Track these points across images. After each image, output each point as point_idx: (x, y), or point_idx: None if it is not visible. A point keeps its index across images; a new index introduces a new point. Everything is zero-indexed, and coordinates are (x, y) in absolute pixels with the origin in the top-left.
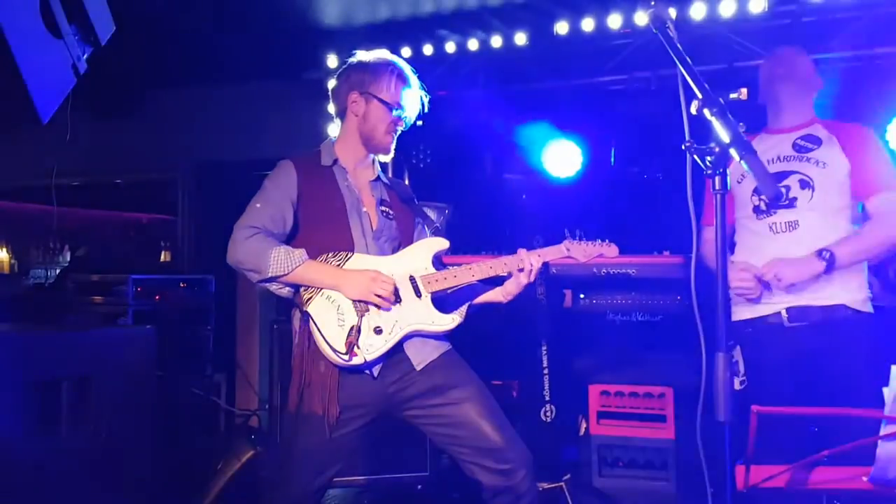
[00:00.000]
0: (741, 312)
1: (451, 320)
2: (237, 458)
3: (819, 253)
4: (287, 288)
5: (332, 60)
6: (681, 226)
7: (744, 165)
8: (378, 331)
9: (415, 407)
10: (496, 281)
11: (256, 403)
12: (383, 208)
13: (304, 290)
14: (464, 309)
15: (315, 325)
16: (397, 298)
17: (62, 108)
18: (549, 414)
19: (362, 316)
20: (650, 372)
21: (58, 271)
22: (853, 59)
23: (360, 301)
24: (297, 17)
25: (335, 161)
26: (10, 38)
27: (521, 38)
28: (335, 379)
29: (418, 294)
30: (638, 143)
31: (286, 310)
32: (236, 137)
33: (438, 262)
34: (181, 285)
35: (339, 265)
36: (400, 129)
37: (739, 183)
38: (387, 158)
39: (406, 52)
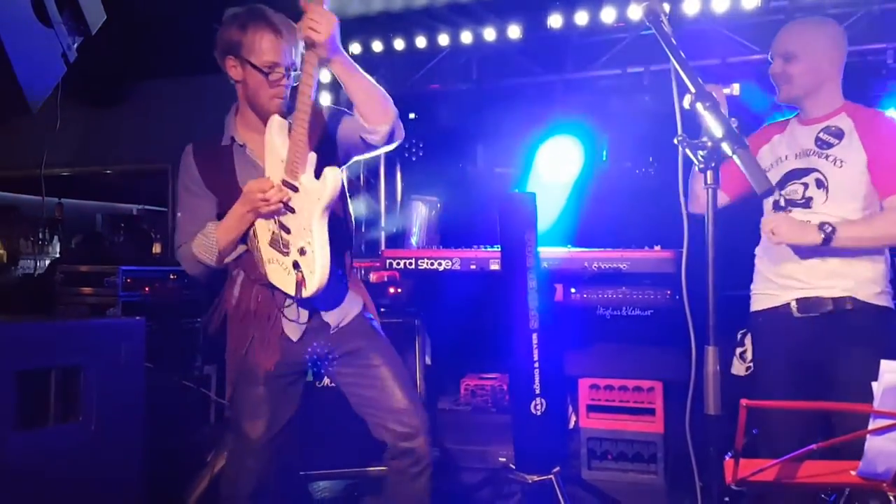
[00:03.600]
0: (756, 303)
1: (334, 175)
2: (227, 450)
3: (821, 225)
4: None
5: None
6: (672, 220)
7: (736, 160)
8: (302, 251)
9: (334, 366)
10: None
11: None
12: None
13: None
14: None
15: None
16: (289, 209)
17: (52, 97)
18: (539, 407)
19: (287, 250)
20: (640, 366)
21: (47, 262)
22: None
23: (272, 239)
24: (291, 8)
25: (232, 140)
26: None
27: (514, 32)
28: (276, 335)
29: (295, 189)
30: (630, 137)
31: None
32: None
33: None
34: (171, 277)
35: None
36: (286, 83)
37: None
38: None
39: (399, 44)
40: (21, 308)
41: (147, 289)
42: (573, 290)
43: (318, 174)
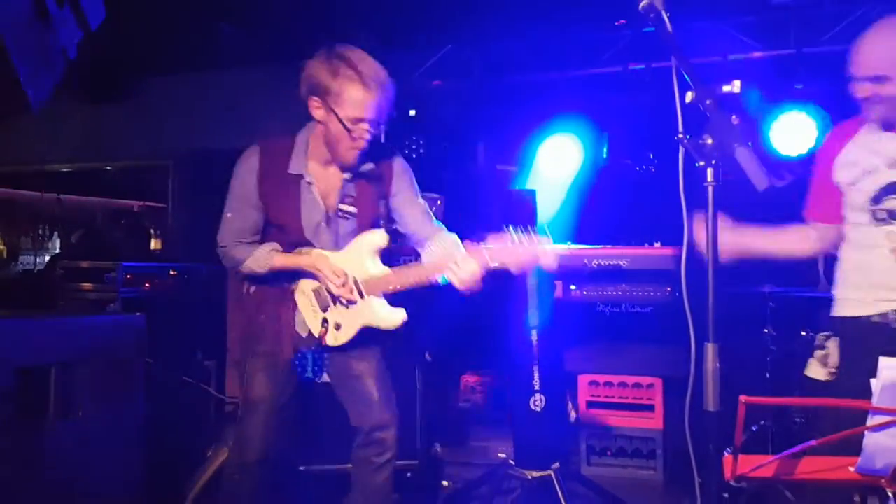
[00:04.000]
0: (843, 309)
1: (396, 317)
2: (227, 445)
3: None
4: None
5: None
6: (673, 218)
7: (737, 157)
8: (338, 326)
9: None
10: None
11: None
12: (343, 207)
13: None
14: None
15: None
16: (350, 303)
17: (52, 94)
18: (538, 403)
19: (326, 310)
20: (639, 362)
21: (47, 258)
22: (847, 52)
23: (319, 294)
24: (293, 3)
25: (301, 174)
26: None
27: (516, 29)
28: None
29: (361, 295)
30: (631, 134)
31: None
32: (229, 124)
33: (387, 255)
34: (171, 273)
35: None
36: (367, 137)
37: (853, 185)
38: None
39: (401, 40)
40: (21, 304)
41: (147, 284)
42: (573, 287)
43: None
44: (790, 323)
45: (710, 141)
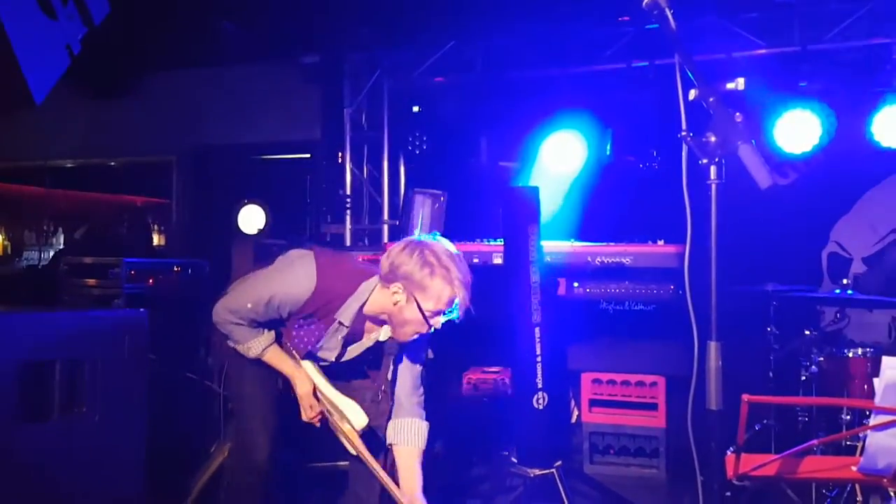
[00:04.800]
0: None
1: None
2: (230, 441)
3: None
4: None
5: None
6: (676, 215)
7: (740, 154)
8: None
9: None
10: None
11: None
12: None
13: None
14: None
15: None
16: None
17: (56, 89)
18: (541, 401)
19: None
20: (642, 361)
21: (51, 254)
22: (851, 49)
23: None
24: (296, 0)
25: (347, 323)
26: (4, 19)
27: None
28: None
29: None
30: (635, 131)
31: None
32: (232, 121)
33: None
34: (175, 269)
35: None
36: (439, 327)
37: None
38: None
39: (404, 37)
40: (25, 299)
41: (151, 280)
42: (576, 285)
43: None
44: (793, 322)
45: (713, 138)
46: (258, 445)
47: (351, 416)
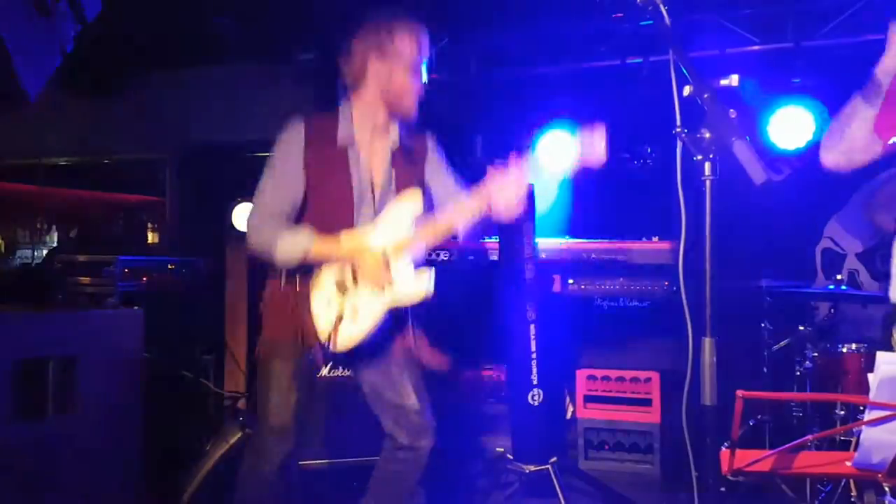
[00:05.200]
0: None
1: (423, 283)
2: (225, 440)
3: None
4: None
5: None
6: (671, 212)
7: (734, 150)
8: (355, 313)
9: (355, 366)
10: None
11: (244, 386)
12: (386, 184)
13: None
14: (428, 274)
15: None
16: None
17: (50, 87)
18: (536, 398)
19: (343, 299)
20: (637, 357)
21: (45, 252)
22: (844, 46)
23: (337, 282)
24: None
25: (352, 142)
26: None
27: (513, 22)
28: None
29: (389, 268)
30: (629, 128)
31: None
32: (225, 119)
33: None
34: (169, 267)
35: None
36: (425, 80)
37: None
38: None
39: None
40: (19, 298)
41: (145, 279)
42: (571, 281)
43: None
44: (788, 317)
45: (707, 135)
46: (272, 462)
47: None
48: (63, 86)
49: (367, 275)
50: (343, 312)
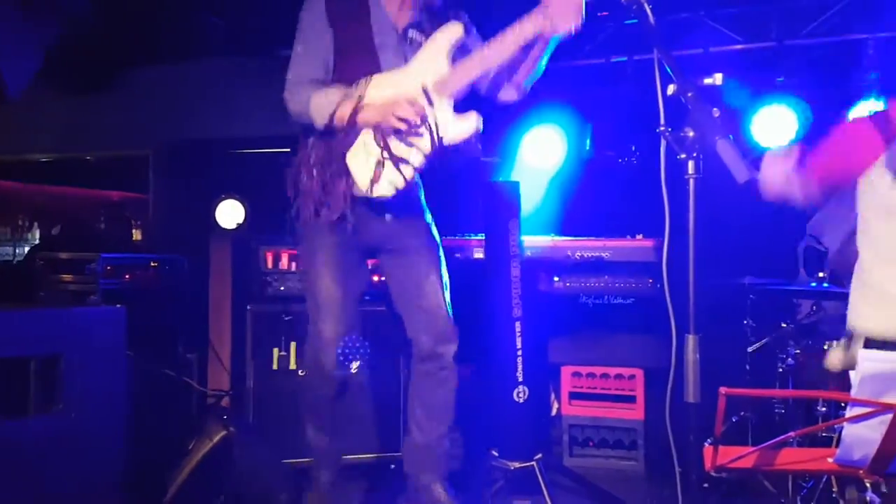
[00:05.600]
0: (869, 323)
1: (470, 123)
2: (209, 438)
3: None
4: None
5: None
6: (655, 210)
7: (718, 149)
8: (398, 162)
9: (385, 257)
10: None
11: (229, 384)
12: (412, 34)
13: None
14: (475, 115)
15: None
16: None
17: (33, 83)
18: (521, 395)
19: (384, 149)
20: (622, 354)
21: (26, 249)
22: (827, 45)
23: (382, 129)
24: None
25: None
26: None
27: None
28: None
29: (431, 104)
30: (614, 127)
31: (260, 292)
32: (211, 115)
33: (461, 52)
34: (152, 264)
35: (360, 95)
36: None
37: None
38: None
39: None
40: (0, 295)
41: (128, 276)
42: (556, 279)
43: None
44: (770, 315)
45: (691, 133)
46: (329, 355)
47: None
48: (45, 82)
49: (404, 114)
50: (383, 157)
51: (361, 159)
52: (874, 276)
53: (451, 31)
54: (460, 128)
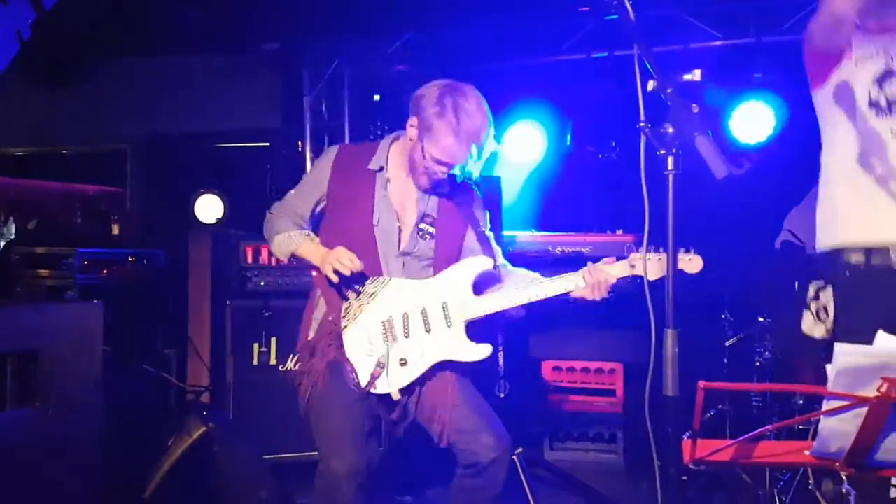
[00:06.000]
0: (839, 235)
1: (482, 352)
2: (188, 434)
3: None
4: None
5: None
6: (635, 205)
7: (697, 145)
8: (403, 363)
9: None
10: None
11: (208, 379)
12: (422, 225)
13: (343, 318)
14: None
15: (346, 351)
16: (427, 327)
17: (6, 75)
18: (503, 389)
19: (390, 346)
20: (601, 348)
21: (2, 244)
22: (801, 41)
23: (385, 327)
24: None
25: (381, 168)
26: None
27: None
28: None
29: (449, 323)
30: (594, 122)
31: (240, 288)
32: (189, 109)
33: (483, 282)
34: (130, 259)
35: (374, 291)
36: (443, 178)
37: (858, 66)
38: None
39: (364, 25)
40: None
41: (105, 271)
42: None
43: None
44: (747, 309)
45: (670, 130)
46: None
47: None
48: (20, 73)
49: (338, 263)
50: (387, 356)
51: (362, 345)
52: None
53: (482, 263)
54: (473, 355)
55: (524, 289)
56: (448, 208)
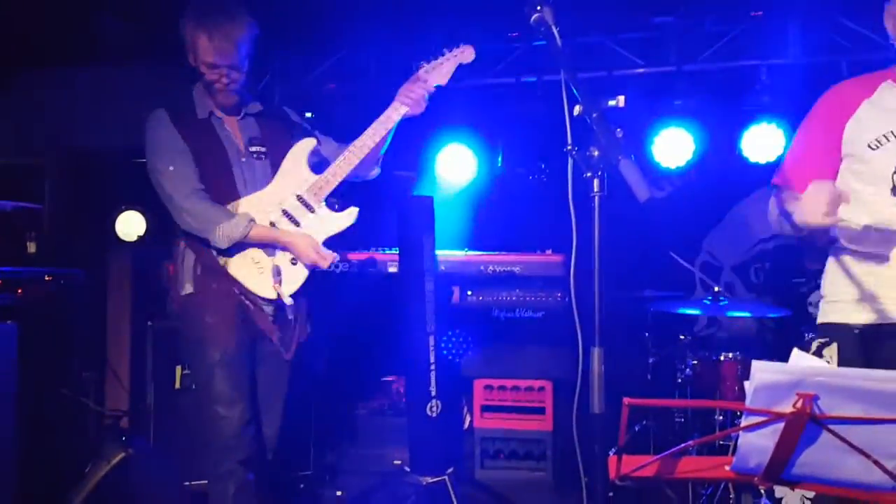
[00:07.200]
0: (852, 314)
1: (349, 216)
2: (107, 460)
3: None
4: None
5: None
6: (563, 226)
7: (620, 169)
8: (294, 261)
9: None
10: None
11: (127, 403)
12: (253, 148)
13: (219, 256)
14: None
15: (239, 282)
16: (296, 222)
17: None
18: (434, 409)
19: (274, 253)
20: (531, 366)
21: None
22: (722, 70)
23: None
24: None
25: (211, 113)
26: None
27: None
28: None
29: (311, 209)
30: (524, 144)
31: (162, 308)
32: (109, 123)
33: (318, 165)
34: (46, 278)
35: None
36: (225, 81)
37: (874, 150)
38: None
39: (296, 42)
40: None
41: (21, 291)
42: (469, 293)
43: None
44: (669, 327)
45: (596, 153)
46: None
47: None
48: None
49: (311, 258)
50: (278, 262)
51: (250, 268)
52: None
53: (306, 144)
54: (340, 223)
55: (358, 142)
56: (265, 124)
